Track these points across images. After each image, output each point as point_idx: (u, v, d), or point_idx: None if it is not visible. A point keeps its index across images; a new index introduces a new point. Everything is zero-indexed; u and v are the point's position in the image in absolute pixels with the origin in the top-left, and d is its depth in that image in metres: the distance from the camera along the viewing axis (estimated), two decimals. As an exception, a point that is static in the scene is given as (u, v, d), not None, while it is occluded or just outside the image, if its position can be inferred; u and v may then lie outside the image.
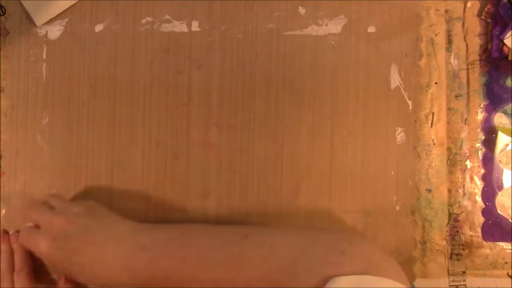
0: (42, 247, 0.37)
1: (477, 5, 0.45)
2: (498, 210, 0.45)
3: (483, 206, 0.45)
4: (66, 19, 0.45)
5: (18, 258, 0.42)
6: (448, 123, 0.45)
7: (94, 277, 0.37)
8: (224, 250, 0.35)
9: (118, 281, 0.36)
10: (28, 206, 0.42)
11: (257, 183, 0.44)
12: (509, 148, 0.45)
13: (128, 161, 0.45)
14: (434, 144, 0.45)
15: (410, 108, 0.45)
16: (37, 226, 0.39)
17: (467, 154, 0.45)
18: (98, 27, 0.45)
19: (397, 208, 0.44)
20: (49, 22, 0.45)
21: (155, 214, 0.45)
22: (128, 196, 0.45)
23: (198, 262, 0.35)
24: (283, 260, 0.33)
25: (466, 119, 0.45)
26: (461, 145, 0.45)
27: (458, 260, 0.45)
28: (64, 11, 0.45)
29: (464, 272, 0.45)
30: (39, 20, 0.44)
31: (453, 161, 0.45)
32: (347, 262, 0.32)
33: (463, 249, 0.45)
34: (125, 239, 0.37)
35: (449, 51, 0.45)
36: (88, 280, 0.37)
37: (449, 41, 0.45)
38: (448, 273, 0.45)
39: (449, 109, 0.45)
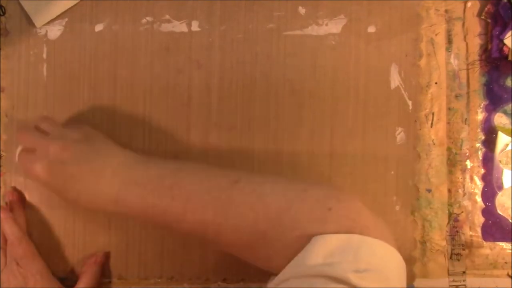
0: (38, 172, 0.37)
1: (477, 5, 0.45)
2: (498, 210, 0.45)
3: (483, 206, 0.45)
4: (66, 19, 0.45)
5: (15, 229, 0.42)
6: (448, 123, 0.45)
7: (89, 203, 0.37)
8: (213, 194, 0.34)
9: (112, 210, 0.37)
10: (19, 130, 0.41)
11: (257, 183, 0.44)
12: (509, 148, 0.45)
13: (128, 161, 0.45)
14: (434, 144, 0.45)
15: (410, 108, 0.45)
16: (30, 151, 0.39)
17: (467, 154, 0.45)
18: (98, 27, 0.45)
19: (397, 208, 0.44)
20: (49, 22, 0.45)
21: (155, 214, 0.45)
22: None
23: (187, 203, 0.34)
24: (270, 210, 0.33)
25: (466, 119, 0.45)
26: (461, 145, 0.45)
27: (458, 260, 0.45)
28: (64, 11, 0.45)
29: (464, 272, 0.45)
30: (39, 21, 0.44)
31: (453, 161, 0.45)
32: (333, 220, 0.32)
33: (463, 249, 0.45)
34: (119, 170, 0.37)
35: (449, 51, 0.45)
36: (82, 206, 0.38)
37: (449, 41, 0.45)
38: (448, 273, 0.45)
39: (449, 109, 0.45)
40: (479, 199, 0.45)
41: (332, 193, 0.34)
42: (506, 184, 0.45)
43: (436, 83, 0.45)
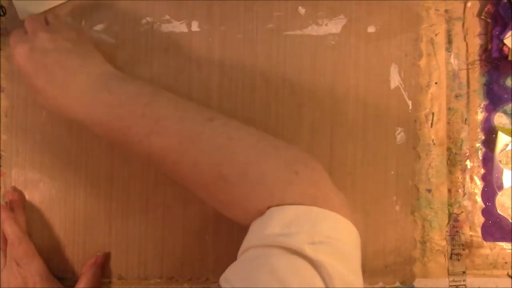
0: (19, 51, 0.36)
1: (477, 5, 0.45)
2: (498, 210, 0.45)
3: (483, 206, 0.45)
4: (66, 19, 0.45)
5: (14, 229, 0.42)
6: (448, 123, 0.45)
7: (53, 98, 0.36)
8: (184, 124, 0.34)
9: (74, 114, 0.36)
10: (29, 17, 0.40)
11: (257, 183, 0.44)
12: (509, 148, 0.45)
13: (128, 161, 0.45)
14: (434, 144, 0.45)
15: (410, 108, 0.45)
16: (25, 32, 0.39)
17: (467, 154, 0.45)
18: (98, 27, 0.45)
19: (397, 208, 0.44)
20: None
21: (155, 213, 0.45)
22: (128, 196, 0.45)
23: (155, 125, 0.34)
24: (237, 157, 0.33)
25: (466, 119, 0.45)
26: (461, 145, 0.45)
27: (458, 260, 0.45)
28: (64, 11, 0.45)
29: (464, 272, 0.45)
30: (23, 13, 0.44)
31: (453, 161, 0.45)
32: (297, 184, 0.32)
33: (463, 249, 0.45)
34: (96, 76, 0.36)
35: (449, 51, 0.45)
36: (44, 101, 0.37)
37: (449, 41, 0.45)
38: (448, 273, 0.45)
39: (449, 109, 0.45)
40: (479, 199, 0.45)
41: (301, 157, 0.34)
42: (506, 184, 0.45)
43: (436, 83, 0.45)
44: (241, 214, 0.33)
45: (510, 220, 0.45)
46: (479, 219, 0.45)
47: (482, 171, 0.45)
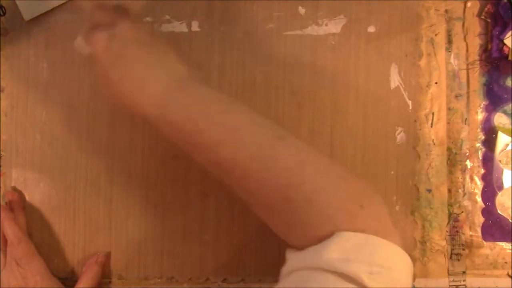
0: (97, 39, 0.35)
1: (477, 5, 0.45)
2: (498, 210, 0.45)
3: (483, 206, 0.45)
4: (66, 19, 0.45)
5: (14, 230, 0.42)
6: (448, 123, 0.45)
7: (127, 93, 0.34)
8: (256, 139, 0.33)
9: (147, 110, 0.34)
10: (97, 4, 0.38)
11: (257, 183, 0.44)
12: (509, 148, 0.45)
13: (128, 161, 0.45)
14: (434, 144, 0.45)
15: (410, 108, 0.45)
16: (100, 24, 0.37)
17: (467, 154, 0.45)
18: (98, 27, 0.45)
19: (397, 208, 0.44)
20: (49, 22, 0.45)
21: (154, 213, 0.45)
22: (128, 196, 0.45)
23: (227, 135, 0.33)
24: (304, 181, 0.32)
25: (466, 119, 0.45)
26: (461, 145, 0.45)
27: (458, 260, 0.45)
28: (65, 10, 0.45)
29: (464, 272, 0.45)
30: (27, 14, 0.44)
31: (453, 161, 0.45)
32: (361, 218, 0.31)
33: (463, 249, 0.45)
34: (174, 74, 0.35)
35: (449, 51, 0.45)
36: (116, 95, 0.35)
37: (449, 41, 0.45)
38: (448, 273, 0.45)
39: (449, 109, 0.45)
40: (479, 199, 0.45)
41: (367, 191, 0.33)
42: (506, 184, 0.45)
43: (436, 83, 0.45)
44: (298, 238, 0.33)
45: (510, 220, 0.45)
46: (479, 219, 0.45)
47: (482, 171, 0.45)
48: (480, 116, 0.45)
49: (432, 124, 0.45)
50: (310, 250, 0.31)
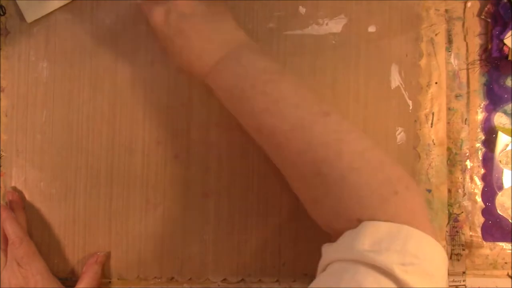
0: (156, 13, 0.37)
1: (477, 5, 0.45)
2: (498, 210, 0.45)
3: (483, 206, 0.45)
4: (67, 19, 0.45)
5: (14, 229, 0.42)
6: (448, 123, 0.45)
7: (187, 62, 0.37)
8: (300, 111, 0.34)
9: (203, 77, 0.37)
10: None
11: (257, 183, 0.44)
12: (509, 148, 0.45)
13: (128, 161, 0.45)
14: (434, 144, 0.45)
15: (410, 108, 0.45)
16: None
17: (467, 154, 0.45)
18: (98, 27, 0.45)
19: (397, 208, 0.44)
20: (49, 21, 0.45)
21: (154, 213, 0.45)
22: (128, 196, 0.45)
23: (272, 104, 0.34)
24: (341, 160, 0.32)
25: (466, 119, 0.45)
26: (461, 145, 0.45)
27: (458, 260, 0.45)
28: (65, 10, 0.45)
29: (464, 272, 0.45)
30: (29, 16, 0.44)
31: (453, 161, 0.45)
32: (394, 204, 0.31)
33: (463, 249, 0.45)
34: (228, 44, 0.37)
35: (449, 51, 0.45)
36: (178, 63, 0.38)
37: (449, 41, 0.45)
38: (448, 273, 0.45)
39: (449, 109, 0.45)
40: (479, 199, 0.45)
41: (405, 178, 0.33)
42: (506, 184, 0.45)
43: (436, 83, 0.45)
44: (328, 216, 0.33)
45: (510, 220, 0.45)
46: (479, 219, 0.45)
47: (482, 171, 0.45)
48: (480, 116, 0.45)
49: (432, 124, 0.45)
50: (343, 241, 0.31)
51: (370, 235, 0.30)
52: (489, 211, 0.45)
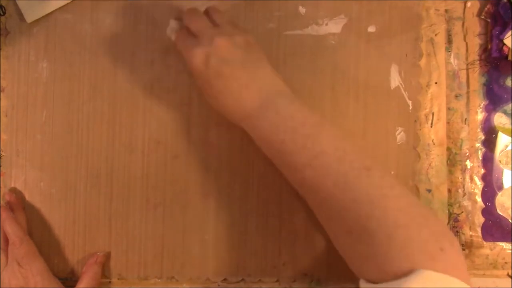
0: (195, 56, 0.37)
1: (477, 5, 0.45)
2: (498, 210, 0.45)
3: (483, 206, 0.45)
4: (67, 19, 0.45)
5: (14, 229, 0.42)
6: (448, 123, 0.45)
7: (223, 106, 0.38)
8: (342, 166, 0.34)
9: (240, 124, 0.38)
10: (189, 10, 0.40)
11: (257, 183, 0.44)
12: (509, 148, 0.45)
13: (128, 161, 0.45)
14: (434, 144, 0.45)
15: (410, 108, 0.45)
16: (193, 34, 0.38)
17: (467, 154, 0.45)
18: (98, 27, 0.45)
19: (397, 208, 0.44)
20: (49, 21, 0.45)
21: (154, 213, 0.45)
22: (128, 196, 0.45)
23: (313, 159, 0.34)
24: (387, 217, 0.32)
25: (466, 119, 0.45)
26: (461, 145, 0.45)
27: (458, 260, 0.45)
28: (65, 10, 0.45)
29: (464, 272, 0.45)
30: (29, 17, 0.44)
31: (453, 161, 0.45)
32: (441, 261, 0.31)
33: (463, 249, 0.45)
34: (266, 92, 0.37)
35: (449, 51, 0.45)
36: (214, 104, 0.39)
37: (449, 41, 0.45)
38: (448, 273, 0.45)
39: (449, 109, 0.45)
40: (479, 199, 0.45)
41: (448, 234, 0.33)
42: (506, 184, 0.45)
43: (436, 83, 0.45)
44: (373, 271, 0.32)
45: (510, 220, 0.45)
46: (479, 219, 0.45)
47: (482, 171, 0.45)
48: (480, 116, 0.45)
49: (432, 124, 0.45)
50: (387, 284, 0.31)
51: (419, 283, 0.29)
52: (489, 211, 0.45)
